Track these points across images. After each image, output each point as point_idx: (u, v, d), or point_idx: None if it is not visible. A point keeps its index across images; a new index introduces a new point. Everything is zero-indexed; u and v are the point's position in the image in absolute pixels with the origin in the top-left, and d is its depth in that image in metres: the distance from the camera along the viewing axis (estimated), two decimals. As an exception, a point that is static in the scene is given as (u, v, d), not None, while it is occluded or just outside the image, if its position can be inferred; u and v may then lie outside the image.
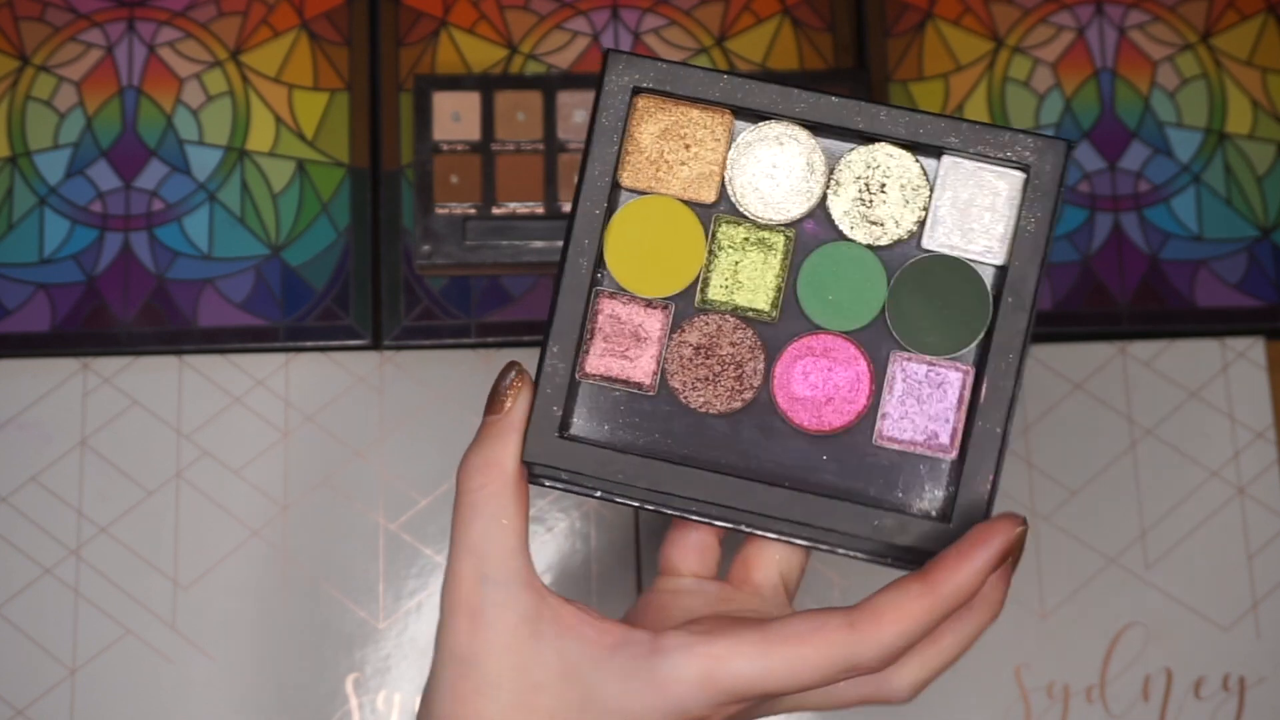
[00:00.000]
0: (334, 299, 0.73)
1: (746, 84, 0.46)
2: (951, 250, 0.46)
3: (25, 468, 0.71)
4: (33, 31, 0.76)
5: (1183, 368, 0.74)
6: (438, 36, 0.77)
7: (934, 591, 0.42)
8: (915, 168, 0.46)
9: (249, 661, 0.69)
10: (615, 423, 0.47)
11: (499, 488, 0.45)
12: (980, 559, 0.42)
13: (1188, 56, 0.78)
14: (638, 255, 0.47)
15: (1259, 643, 0.70)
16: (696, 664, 0.43)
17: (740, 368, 0.47)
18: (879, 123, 0.46)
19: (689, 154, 0.47)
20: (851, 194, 0.46)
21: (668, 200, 0.47)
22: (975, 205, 0.46)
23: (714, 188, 0.47)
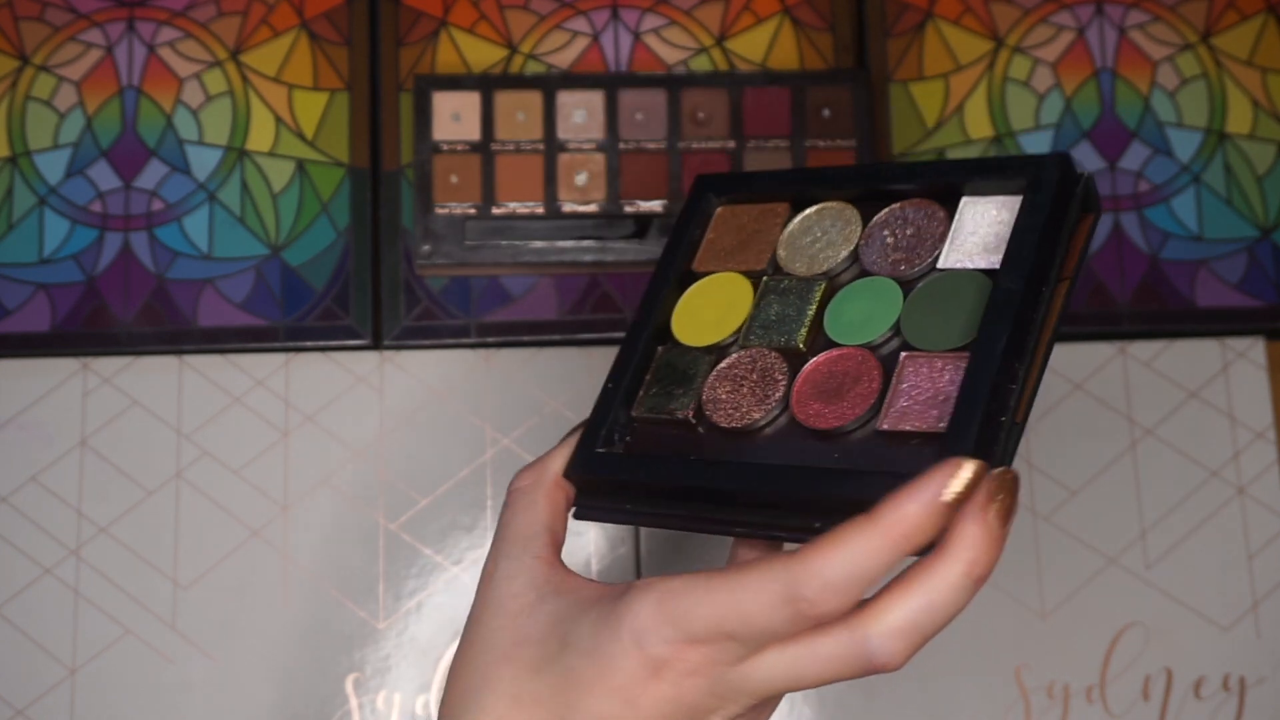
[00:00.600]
0: (334, 299, 0.73)
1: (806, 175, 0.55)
2: (961, 264, 0.49)
3: (25, 468, 0.71)
4: (33, 31, 0.76)
5: (1183, 368, 0.74)
6: (438, 36, 0.77)
7: (875, 521, 0.41)
8: (939, 212, 0.51)
9: (249, 661, 0.69)
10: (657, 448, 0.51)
11: (534, 486, 0.50)
12: (925, 492, 0.41)
13: (1188, 56, 0.78)
14: (697, 317, 0.53)
15: (1259, 643, 0.70)
16: (650, 596, 0.43)
17: (765, 385, 0.50)
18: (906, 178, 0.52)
19: (751, 239, 0.54)
20: (880, 240, 0.51)
21: (729, 274, 0.54)
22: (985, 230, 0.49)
23: (767, 258, 0.53)
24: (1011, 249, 0.47)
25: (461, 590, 0.70)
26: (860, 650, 0.42)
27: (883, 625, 0.42)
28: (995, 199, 0.49)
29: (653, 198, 0.73)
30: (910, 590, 0.42)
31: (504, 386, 0.72)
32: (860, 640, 0.42)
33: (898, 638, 0.42)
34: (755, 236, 0.54)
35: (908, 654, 0.42)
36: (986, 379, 0.45)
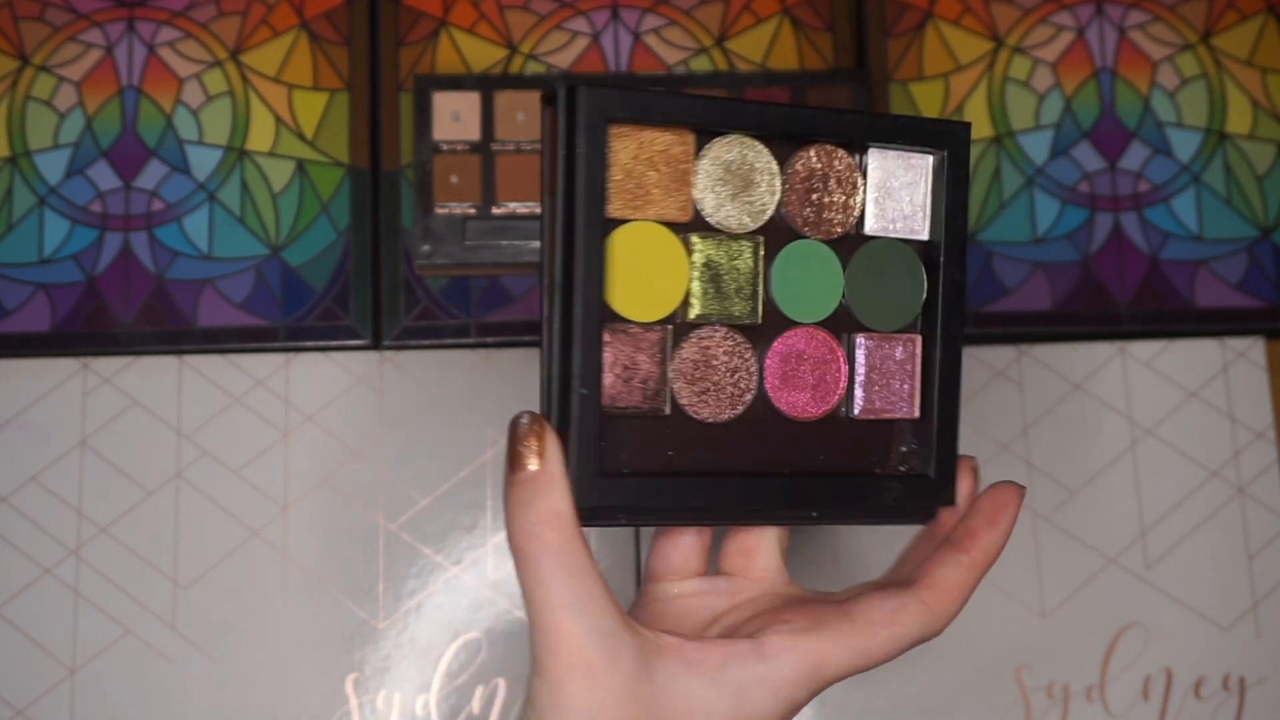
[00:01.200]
0: (334, 299, 0.73)
1: (701, 102, 0.49)
2: (886, 232, 0.51)
3: (25, 468, 0.71)
4: (33, 31, 0.76)
5: (1183, 368, 0.74)
6: (438, 36, 0.77)
7: (981, 563, 0.49)
8: (849, 162, 0.51)
9: (249, 661, 0.69)
10: (637, 449, 0.49)
11: (565, 539, 0.45)
12: (1005, 525, 0.50)
13: (1188, 56, 0.78)
14: (631, 283, 0.48)
15: (1259, 643, 0.70)
16: (804, 662, 0.47)
17: (736, 373, 0.50)
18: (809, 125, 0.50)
19: (659, 176, 0.49)
20: (801, 193, 0.51)
21: (650, 225, 0.49)
22: (901, 190, 0.52)
23: (687, 207, 0.49)
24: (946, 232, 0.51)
25: (461, 590, 0.70)
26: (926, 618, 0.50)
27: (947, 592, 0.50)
28: (901, 153, 0.51)
29: (653, 198, 0.73)
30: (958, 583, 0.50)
31: (504, 386, 0.72)
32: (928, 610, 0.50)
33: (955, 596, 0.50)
34: (666, 175, 0.49)
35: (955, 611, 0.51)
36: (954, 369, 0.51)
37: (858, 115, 0.51)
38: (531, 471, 0.45)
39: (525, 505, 0.45)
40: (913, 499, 0.51)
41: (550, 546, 0.45)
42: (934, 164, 0.52)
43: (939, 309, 0.51)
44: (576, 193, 0.46)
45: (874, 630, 0.48)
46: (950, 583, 0.49)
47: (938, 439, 0.51)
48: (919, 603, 0.49)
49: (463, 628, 0.69)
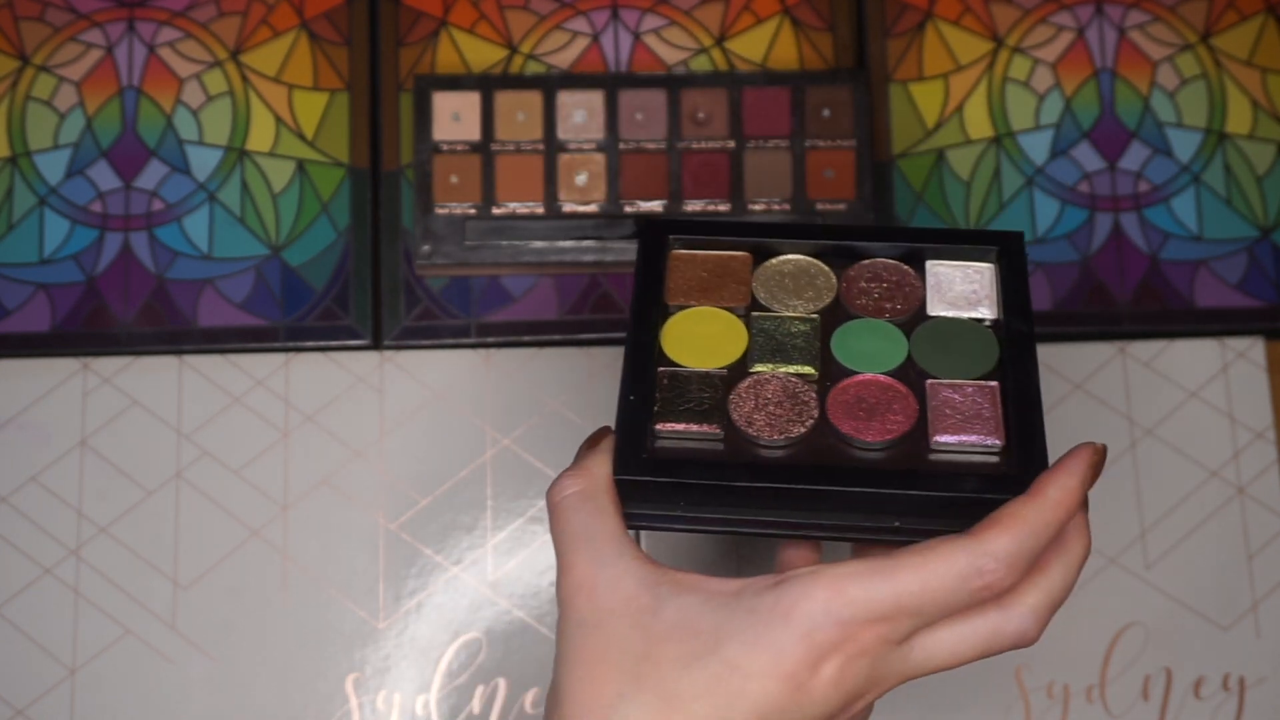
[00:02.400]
0: (334, 299, 0.73)
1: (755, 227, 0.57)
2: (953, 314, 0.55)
3: (25, 468, 0.71)
4: (33, 31, 0.76)
5: (1183, 368, 0.74)
6: (438, 36, 0.77)
7: (1042, 498, 0.46)
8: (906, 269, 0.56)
9: (249, 661, 0.69)
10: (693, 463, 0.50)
11: (592, 488, 0.48)
12: (1077, 469, 0.47)
13: (1188, 56, 0.78)
14: (691, 344, 0.54)
15: (1259, 643, 0.70)
16: (822, 583, 0.44)
17: (796, 398, 0.52)
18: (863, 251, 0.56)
19: (722, 282, 0.55)
20: (860, 291, 0.55)
21: (710, 309, 0.55)
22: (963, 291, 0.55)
23: (746, 298, 0.55)
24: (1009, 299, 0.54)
25: (461, 590, 0.70)
26: (1013, 628, 0.46)
27: (1027, 605, 0.46)
28: (958, 264, 0.56)
29: (653, 198, 0.73)
30: (1047, 573, 0.47)
31: (504, 386, 0.72)
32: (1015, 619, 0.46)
33: (1039, 615, 0.46)
34: (723, 279, 0.56)
35: (1042, 628, 0.47)
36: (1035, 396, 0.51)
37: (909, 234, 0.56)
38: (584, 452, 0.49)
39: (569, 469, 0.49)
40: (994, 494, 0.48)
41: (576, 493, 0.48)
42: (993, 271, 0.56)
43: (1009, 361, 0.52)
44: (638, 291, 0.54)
45: (906, 555, 0.44)
46: (1003, 516, 0.45)
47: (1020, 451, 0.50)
48: (963, 537, 0.45)
49: (463, 628, 0.69)
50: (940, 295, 0.55)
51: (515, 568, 0.70)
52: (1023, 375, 0.52)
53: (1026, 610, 0.46)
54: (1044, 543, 0.46)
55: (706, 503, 0.49)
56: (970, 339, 0.54)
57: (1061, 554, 0.47)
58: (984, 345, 0.54)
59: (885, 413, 0.52)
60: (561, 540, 0.48)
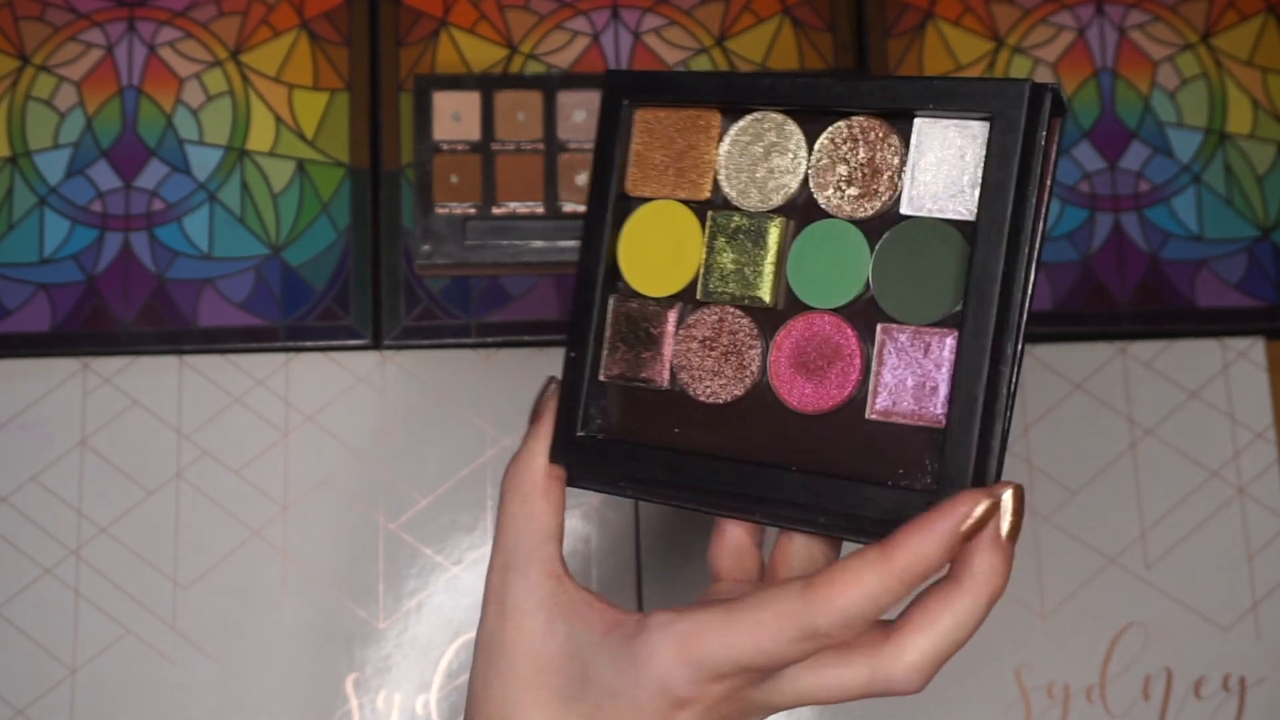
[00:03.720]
0: (334, 299, 0.73)
1: (729, 80, 0.49)
2: (929, 212, 0.45)
3: (25, 468, 0.71)
4: (33, 31, 0.76)
5: (1183, 368, 0.74)
6: (438, 36, 0.77)
7: (889, 558, 0.41)
8: (892, 135, 0.46)
9: (249, 661, 0.69)
10: (636, 420, 0.50)
11: (528, 486, 0.49)
12: (940, 528, 0.41)
13: (1188, 56, 0.78)
14: (647, 258, 0.50)
15: (1259, 643, 0.70)
16: (669, 639, 0.44)
17: (740, 355, 0.48)
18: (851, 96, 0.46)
19: (686, 156, 0.49)
20: (832, 170, 0.47)
21: (669, 203, 0.49)
22: (949, 164, 0.45)
23: (708, 184, 0.49)
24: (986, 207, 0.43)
25: (461, 590, 0.70)
26: (883, 680, 0.43)
27: (906, 659, 0.43)
28: (954, 121, 0.45)
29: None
30: (932, 622, 0.43)
31: (504, 386, 0.72)
32: (883, 672, 0.43)
33: (920, 669, 0.43)
34: (688, 153, 0.49)
35: (927, 681, 0.43)
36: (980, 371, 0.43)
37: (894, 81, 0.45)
38: (530, 428, 0.50)
39: (515, 456, 0.49)
40: None
41: (513, 491, 0.49)
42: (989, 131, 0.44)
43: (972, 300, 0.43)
44: (596, 169, 0.49)
45: (742, 613, 0.42)
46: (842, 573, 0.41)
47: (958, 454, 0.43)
48: (798, 589, 0.42)
49: (463, 628, 0.69)
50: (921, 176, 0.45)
51: (515, 568, 0.70)
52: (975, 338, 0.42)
53: (910, 665, 0.43)
54: (893, 601, 0.42)
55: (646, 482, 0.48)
56: (940, 254, 0.44)
57: (948, 605, 0.43)
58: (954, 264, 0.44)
59: (828, 370, 0.46)
60: (495, 536, 0.49)
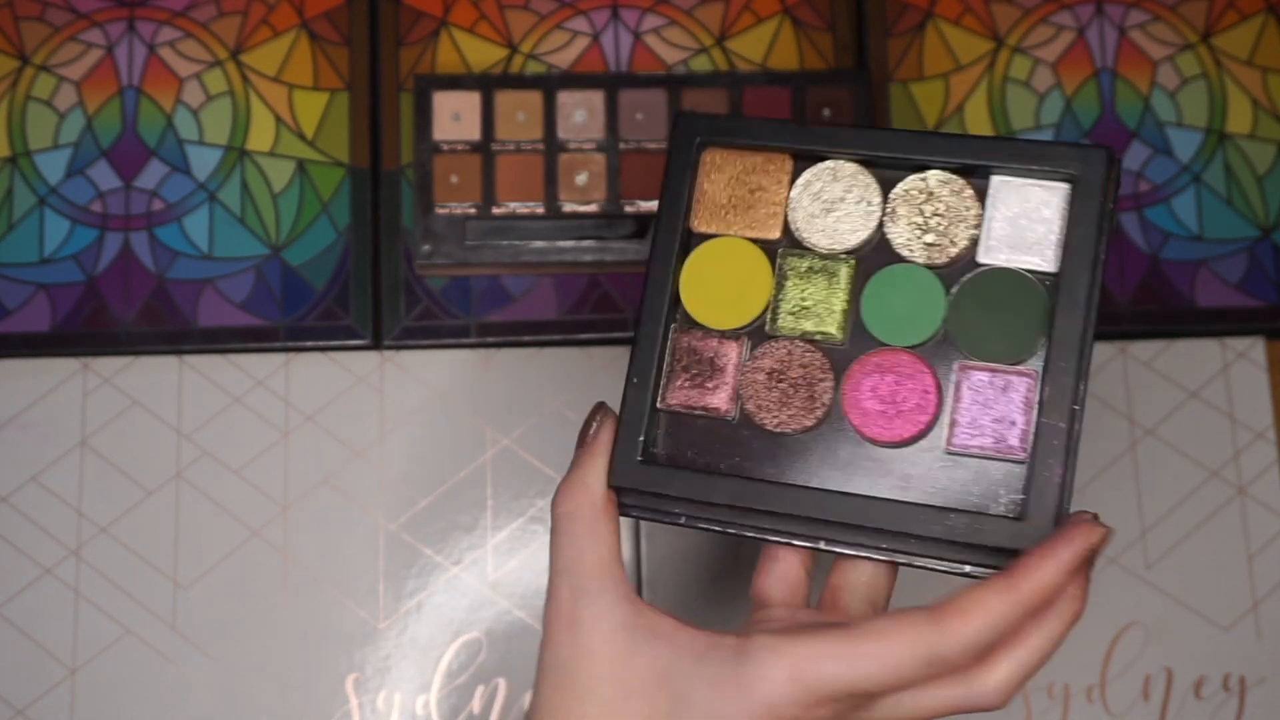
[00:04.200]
0: (334, 299, 0.73)
1: (803, 129, 0.50)
2: (1006, 262, 0.48)
3: (25, 468, 0.71)
4: (33, 31, 0.76)
5: (1183, 368, 0.74)
6: (438, 36, 0.77)
7: (1017, 587, 0.43)
8: (967, 190, 0.49)
9: (249, 661, 0.69)
10: (697, 448, 0.50)
11: (588, 509, 0.48)
12: (1063, 556, 0.43)
13: (1188, 56, 0.78)
14: (711, 292, 0.50)
15: (1259, 643, 0.70)
16: (783, 663, 0.44)
17: (811, 387, 0.49)
18: (928, 150, 0.48)
19: (754, 197, 0.50)
20: (907, 219, 0.49)
21: (736, 240, 0.50)
22: (1026, 219, 0.48)
23: (778, 225, 0.50)
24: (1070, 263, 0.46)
25: (461, 590, 0.70)
26: (975, 698, 0.45)
27: (996, 678, 0.45)
28: (1031, 181, 0.48)
29: (653, 198, 0.73)
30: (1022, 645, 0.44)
31: (504, 386, 0.72)
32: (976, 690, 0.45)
33: (1009, 687, 0.45)
34: (758, 194, 0.50)
35: (1011, 697, 0.45)
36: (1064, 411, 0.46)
37: (975, 141, 0.48)
38: (581, 450, 0.49)
39: (568, 476, 0.49)
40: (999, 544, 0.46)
41: (571, 514, 0.48)
42: (1068, 192, 0.48)
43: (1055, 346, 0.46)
44: (663, 203, 0.49)
45: (865, 639, 0.43)
46: (971, 602, 0.43)
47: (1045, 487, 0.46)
48: (925, 616, 0.43)
49: (463, 628, 0.69)
50: (997, 229, 0.48)
51: (515, 568, 0.70)
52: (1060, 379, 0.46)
53: (998, 684, 0.45)
54: (1012, 627, 0.44)
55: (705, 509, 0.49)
56: (1019, 301, 0.47)
57: (1043, 624, 0.45)
58: (1033, 311, 0.47)
59: (903, 404, 0.48)
60: (552, 562, 0.48)
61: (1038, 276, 0.48)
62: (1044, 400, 0.46)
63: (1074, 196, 0.47)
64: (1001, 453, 0.47)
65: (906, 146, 0.49)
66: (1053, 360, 0.46)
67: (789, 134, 0.50)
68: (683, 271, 0.50)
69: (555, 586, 0.48)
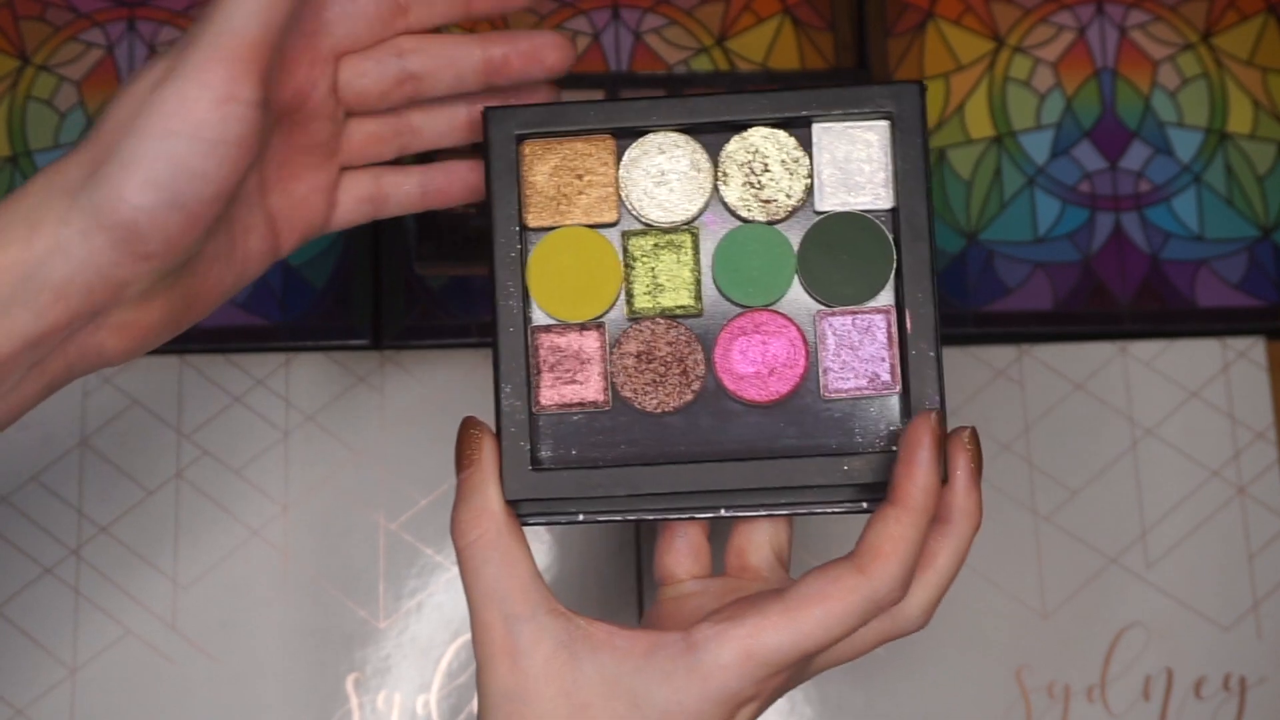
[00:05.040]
0: (334, 299, 0.73)
1: (616, 106, 0.50)
2: (843, 206, 0.50)
3: (25, 468, 0.71)
4: (33, 31, 0.76)
5: (1183, 368, 0.74)
6: (438, 36, 0.77)
7: (908, 507, 0.46)
8: (790, 141, 0.50)
9: (249, 661, 0.69)
10: (581, 444, 0.50)
11: (494, 532, 0.47)
12: (921, 457, 0.46)
13: (1188, 56, 0.78)
14: (560, 286, 0.50)
15: (1259, 643, 0.70)
16: (732, 646, 0.45)
17: (683, 362, 0.49)
18: (747, 110, 0.49)
19: (583, 183, 0.50)
20: (739, 180, 0.49)
21: (575, 230, 0.50)
22: (853, 160, 0.49)
23: (613, 207, 0.50)
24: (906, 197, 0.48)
25: (461, 590, 0.70)
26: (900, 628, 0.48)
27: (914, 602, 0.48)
28: (851, 124, 0.50)
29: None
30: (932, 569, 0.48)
31: (504, 386, 0.72)
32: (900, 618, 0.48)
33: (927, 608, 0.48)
34: (587, 179, 0.50)
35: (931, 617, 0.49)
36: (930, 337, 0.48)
37: (792, 92, 0.49)
38: (469, 472, 0.48)
39: (461, 503, 0.48)
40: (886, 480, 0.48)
41: (481, 539, 0.47)
42: (890, 130, 0.49)
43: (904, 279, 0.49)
44: (493, 205, 0.49)
45: (805, 606, 0.45)
46: (881, 539, 0.45)
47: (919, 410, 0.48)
48: (852, 569, 0.45)
49: (463, 628, 0.69)
50: (830, 175, 0.50)
51: (515, 568, 0.70)
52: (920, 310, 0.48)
53: (918, 608, 0.48)
54: (920, 546, 0.46)
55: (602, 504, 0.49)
56: (863, 242, 0.49)
57: (947, 544, 0.48)
58: (878, 250, 0.49)
59: (774, 361, 0.49)
60: (473, 594, 0.48)
61: (874, 214, 0.49)
62: (909, 331, 0.48)
63: (895, 132, 0.49)
64: (877, 390, 0.49)
65: (725, 109, 0.49)
66: (908, 291, 0.48)
67: (606, 114, 0.49)
68: (528, 270, 0.50)
69: (482, 616, 0.47)
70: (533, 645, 0.46)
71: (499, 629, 0.47)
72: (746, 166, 0.50)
